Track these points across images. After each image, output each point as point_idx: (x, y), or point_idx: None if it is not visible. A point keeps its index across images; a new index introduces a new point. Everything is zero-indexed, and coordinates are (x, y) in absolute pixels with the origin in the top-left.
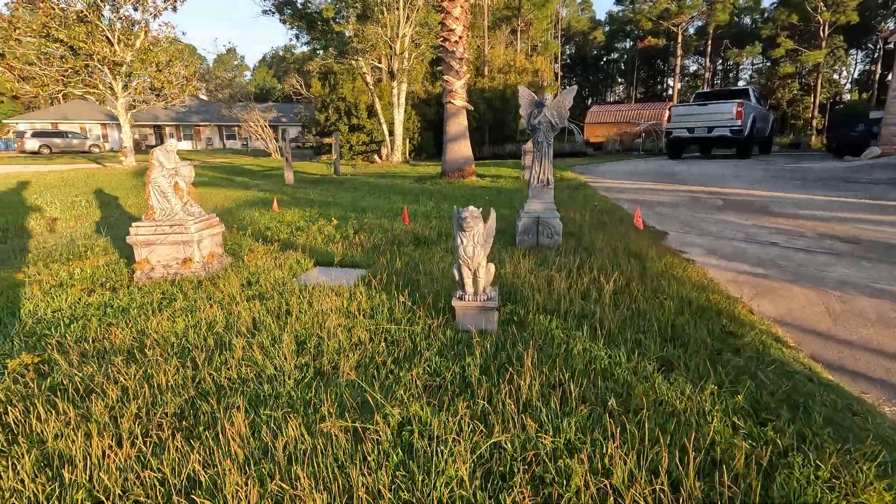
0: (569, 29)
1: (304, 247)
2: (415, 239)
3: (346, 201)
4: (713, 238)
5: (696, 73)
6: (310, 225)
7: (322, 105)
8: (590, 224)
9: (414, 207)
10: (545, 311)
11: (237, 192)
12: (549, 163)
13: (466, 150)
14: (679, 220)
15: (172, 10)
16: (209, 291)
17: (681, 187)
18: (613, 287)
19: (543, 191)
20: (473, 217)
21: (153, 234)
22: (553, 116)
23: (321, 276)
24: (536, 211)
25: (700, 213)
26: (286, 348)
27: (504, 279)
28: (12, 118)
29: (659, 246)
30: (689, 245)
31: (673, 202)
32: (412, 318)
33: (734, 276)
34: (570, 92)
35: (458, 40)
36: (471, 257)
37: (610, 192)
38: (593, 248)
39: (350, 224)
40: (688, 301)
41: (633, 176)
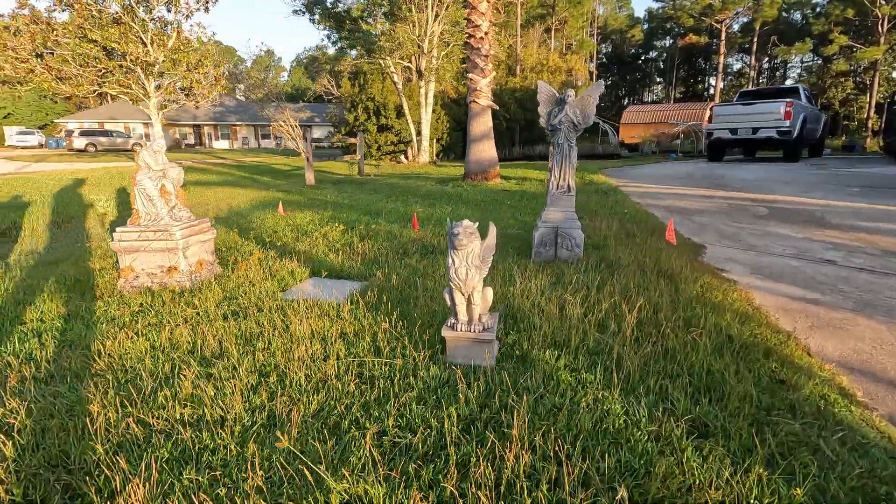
0: (605, 27)
1: (304, 254)
2: (422, 248)
3: (362, 204)
4: (758, 253)
5: (740, 72)
6: (317, 229)
7: (351, 105)
8: (617, 235)
9: (429, 212)
10: (553, 344)
11: (256, 193)
12: (571, 167)
13: (491, 151)
14: (719, 232)
15: (205, 11)
16: (185, 306)
17: (721, 193)
18: (637, 316)
19: (563, 198)
20: (467, 233)
21: (137, 240)
22: (576, 115)
23: (313, 290)
24: (555, 220)
25: (743, 224)
26: (242, 384)
27: (510, 301)
28: (64, 118)
29: (695, 262)
30: (731, 261)
31: (712, 210)
32: (398, 347)
33: (785, 303)
34: (596, 88)
35: (483, 37)
36: (463, 280)
37: (642, 197)
38: (618, 265)
39: (358, 230)
40: (728, 336)
41: (669, 180)
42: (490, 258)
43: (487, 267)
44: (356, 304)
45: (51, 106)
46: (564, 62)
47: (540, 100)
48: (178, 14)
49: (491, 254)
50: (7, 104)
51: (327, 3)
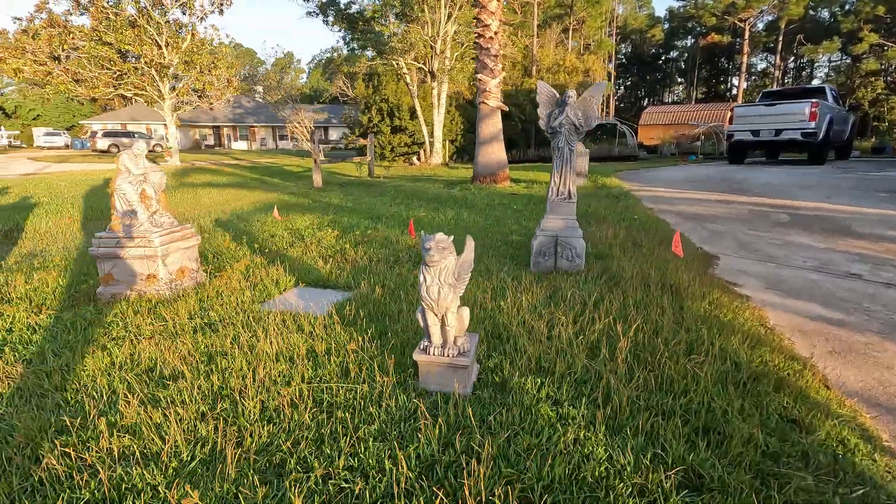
0: (625, 27)
1: (294, 261)
2: (416, 255)
3: (365, 207)
4: (776, 265)
5: (764, 72)
6: (314, 234)
7: (365, 106)
8: (623, 244)
9: (431, 217)
10: (538, 369)
11: (263, 195)
12: (572, 172)
13: (500, 153)
14: (734, 240)
15: (219, 13)
16: (156, 318)
17: (740, 198)
18: (634, 339)
19: (564, 205)
20: (440, 249)
21: (115, 246)
22: (577, 117)
23: (295, 300)
24: (554, 229)
25: (761, 232)
26: (191, 411)
27: (498, 318)
28: (89, 119)
29: (705, 275)
30: (745, 274)
31: (729, 216)
32: (368, 370)
33: (802, 323)
34: (598, 88)
35: (493, 36)
36: (435, 300)
37: (656, 202)
38: (621, 277)
39: (353, 235)
40: (734, 364)
41: (686, 183)
42: (467, 275)
43: (464, 285)
44: (340, 315)
45: (77, 108)
46: (581, 62)
47: (539, 101)
48: (193, 16)
49: (468, 270)
50: (36, 106)
51: (341, 5)
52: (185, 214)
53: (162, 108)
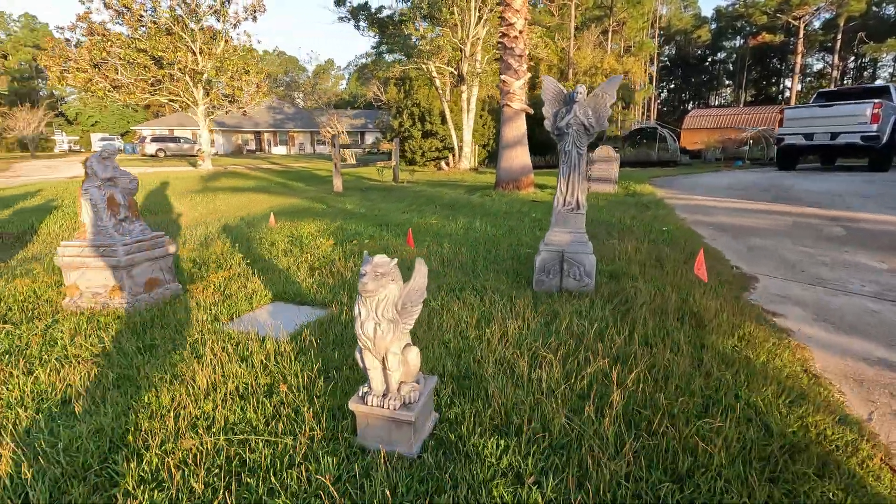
0: (669, 28)
1: (282, 272)
2: (409, 269)
3: (377, 213)
4: (827, 290)
5: (821, 73)
6: (313, 241)
7: (397, 111)
8: (644, 260)
9: (441, 225)
10: (505, 425)
11: (281, 199)
12: (581, 179)
13: (524, 158)
14: (777, 258)
15: (252, 20)
16: (96, 337)
17: (788, 208)
18: (635, 388)
19: (571, 216)
20: (375, 276)
21: (79, 255)
22: (587, 117)
23: (266, 318)
24: (560, 243)
25: (810, 249)
26: (68, 465)
27: (476, 351)
28: (140, 125)
29: (738, 302)
30: (787, 301)
31: (774, 230)
32: (299, 417)
33: (857, 368)
34: (612, 84)
35: (517, 35)
36: (371, 338)
37: (690, 212)
38: (634, 302)
39: (350, 245)
40: (765, 427)
41: (726, 191)
42: (416, 308)
43: (411, 319)
44: (299, 339)
45: (132, 115)
46: (620, 65)
47: (545, 98)
48: (226, 23)
49: (418, 300)
50: (95, 113)
51: (371, 9)
52: (196, 219)
53: (196, 114)
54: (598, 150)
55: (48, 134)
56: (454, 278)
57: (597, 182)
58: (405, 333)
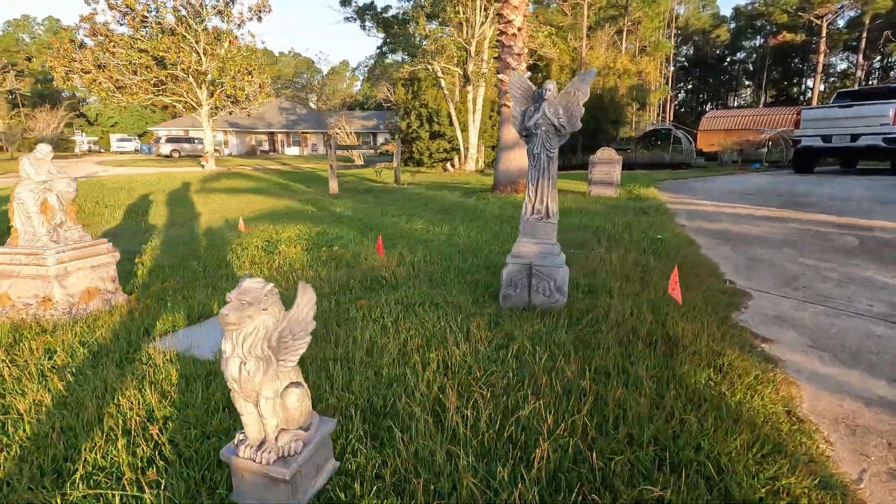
0: (686, 27)
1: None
2: (373, 280)
3: (365, 217)
4: (828, 310)
5: (845, 73)
6: (286, 248)
7: (405, 112)
8: (629, 272)
9: (426, 229)
10: (403, 481)
11: (275, 201)
12: (551, 185)
13: (522, 160)
14: (778, 271)
15: (257, 21)
16: None
17: (798, 214)
18: (568, 438)
19: (540, 226)
20: (240, 305)
21: (9, 263)
22: (557, 116)
23: (197, 336)
24: (528, 255)
25: (817, 260)
26: None
27: (408, 384)
28: (157, 126)
29: (725, 323)
30: (781, 323)
31: (780, 239)
32: (171, 468)
33: (852, 410)
34: (584, 80)
35: (516, 33)
36: (235, 380)
37: (692, 218)
38: (604, 321)
39: (321, 251)
40: (724, 492)
41: (735, 196)
42: (299, 343)
43: (293, 356)
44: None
45: (150, 116)
46: (634, 64)
47: (512, 95)
48: (230, 23)
49: (302, 334)
50: (114, 114)
51: (377, 9)
52: (177, 221)
53: (199, 114)
54: (599, 152)
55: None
56: (417, 291)
57: (598, 185)
58: (285, 373)
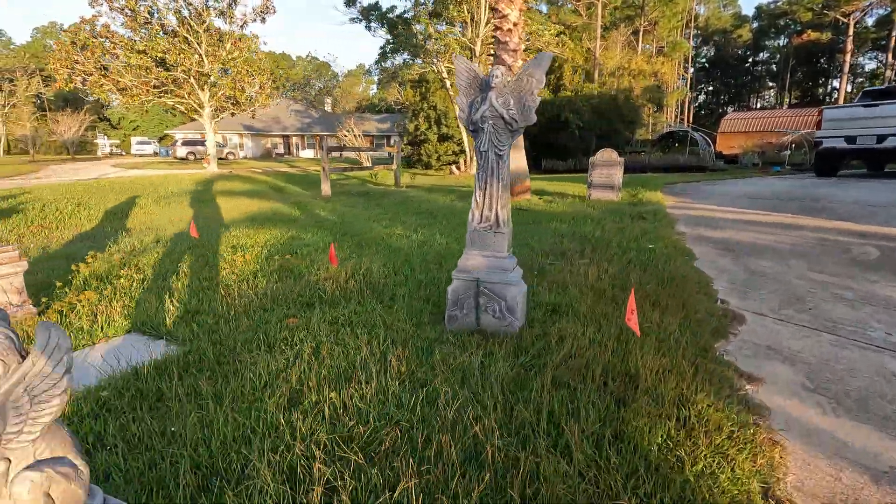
0: (706, 28)
1: (173, 293)
2: (314, 295)
3: (346, 221)
4: (836, 339)
5: (874, 73)
6: (233, 255)
7: (413, 114)
8: (604, 289)
9: (401, 235)
10: None
11: (263, 204)
12: (502, 188)
13: (518, 162)
14: (783, 289)
15: (261, 22)
16: None
17: (815, 222)
18: None
19: (489, 237)
20: None
21: None
22: (507, 107)
23: (94, 358)
24: (475, 269)
25: (829, 275)
26: None
27: (286, 435)
28: (175, 129)
29: (704, 357)
30: (776, 356)
31: (789, 249)
32: None
33: (852, 488)
34: (538, 64)
35: (511, 28)
36: None
37: (695, 224)
38: (556, 352)
39: (275, 260)
40: None
41: (749, 200)
42: (40, 409)
43: (30, 427)
44: None
45: (170, 119)
46: (650, 65)
47: (458, 84)
48: (233, 25)
49: (47, 397)
50: (136, 118)
51: (382, 9)
52: (152, 225)
53: (201, 117)
54: (599, 154)
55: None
56: (357, 308)
57: (598, 189)
58: (16, 450)
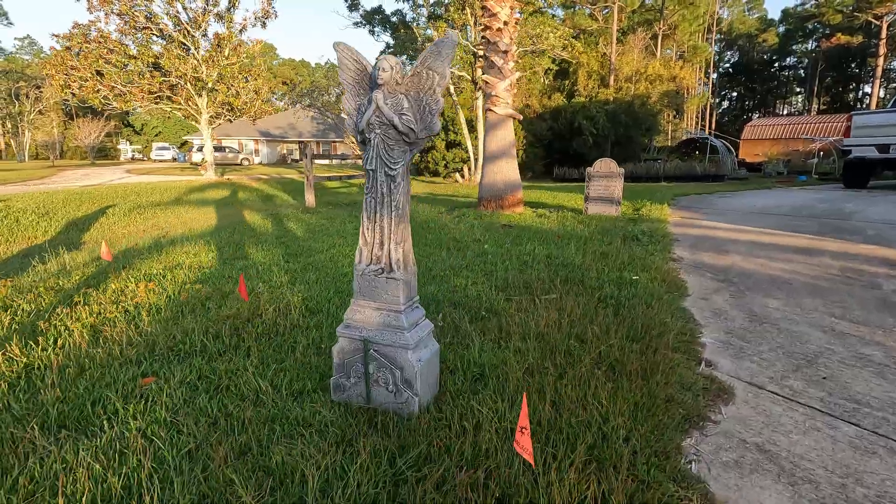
0: (730, 32)
1: (49, 328)
2: (194, 345)
3: (313, 237)
4: (859, 437)
5: None
6: (143, 286)
7: None
8: (554, 344)
9: (345, 255)
10: None
11: (237, 215)
12: (396, 219)
13: (509, 172)
14: (789, 343)
15: (262, 27)
16: None
17: (838, 245)
18: None
19: (380, 283)
20: None
21: None
22: (399, 111)
23: None
24: (363, 325)
25: (854, 323)
26: None
27: None
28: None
29: (660, 470)
30: (771, 464)
31: (803, 282)
32: None
33: None
34: (438, 51)
35: (501, 28)
36: None
37: (698, 247)
38: (437, 462)
39: (188, 289)
40: None
41: (765, 217)
42: None
43: None
44: None
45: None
46: (667, 70)
47: (343, 81)
48: (232, 29)
49: None
50: (158, 124)
51: (385, 12)
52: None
53: (199, 122)
54: (597, 164)
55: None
56: (238, 364)
57: (596, 202)
58: None
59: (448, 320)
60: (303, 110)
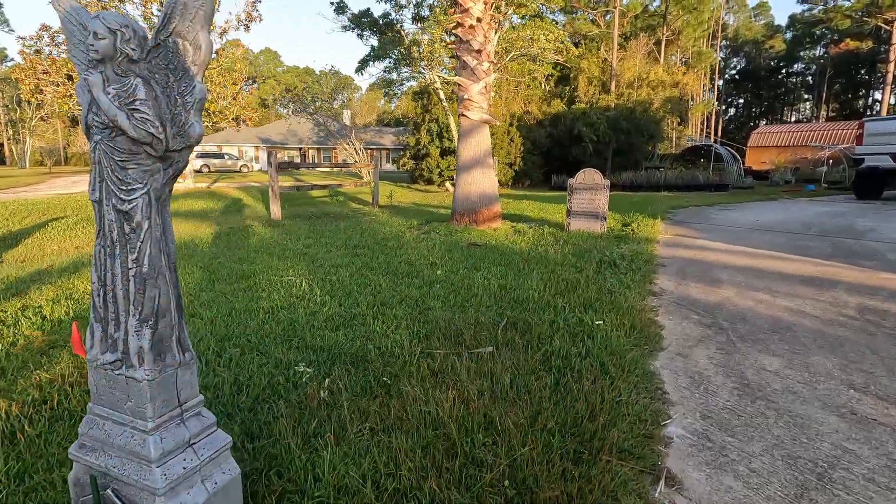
0: (736, 38)
1: None
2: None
3: (258, 255)
4: None
5: None
6: None
7: (415, 127)
8: (450, 439)
9: (286, 286)
10: None
11: (195, 230)
12: (138, 280)
13: (484, 183)
14: (791, 439)
15: (245, 30)
16: None
17: (852, 275)
18: None
19: (118, 383)
20: None
21: None
22: (133, 106)
23: None
24: (104, 446)
25: (877, 401)
26: None
27: None
28: None
29: None
30: None
31: (811, 329)
32: None
33: None
34: (187, 5)
35: (474, 25)
36: None
37: (686, 275)
38: None
39: (28, 337)
40: None
41: (768, 235)
42: None
43: None
44: None
45: None
46: (670, 76)
47: (74, 59)
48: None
49: None
50: None
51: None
52: (36, 256)
53: None
54: (580, 175)
55: None
56: None
57: (578, 217)
58: None
59: (326, 394)
60: (295, 116)
